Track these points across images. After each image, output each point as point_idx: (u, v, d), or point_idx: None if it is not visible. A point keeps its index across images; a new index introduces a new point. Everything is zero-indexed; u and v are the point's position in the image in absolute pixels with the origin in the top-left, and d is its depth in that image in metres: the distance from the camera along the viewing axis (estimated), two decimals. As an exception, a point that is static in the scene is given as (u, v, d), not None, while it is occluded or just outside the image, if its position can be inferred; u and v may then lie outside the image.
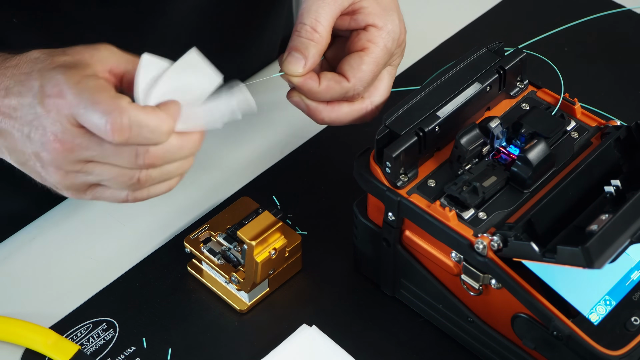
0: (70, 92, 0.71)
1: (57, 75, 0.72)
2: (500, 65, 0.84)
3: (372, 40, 0.85)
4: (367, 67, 0.84)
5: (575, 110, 0.85)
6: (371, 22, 0.85)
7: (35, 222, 0.95)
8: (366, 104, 0.87)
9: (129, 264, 0.91)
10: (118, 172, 0.73)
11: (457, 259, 0.78)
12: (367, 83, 0.85)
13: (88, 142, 0.71)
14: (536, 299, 0.74)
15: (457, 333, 0.83)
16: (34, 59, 0.75)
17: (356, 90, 0.85)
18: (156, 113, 0.71)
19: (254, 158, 0.99)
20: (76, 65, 0.73)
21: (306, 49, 0.83)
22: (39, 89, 0.72)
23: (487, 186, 0.78)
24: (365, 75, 0.84)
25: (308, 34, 0.83)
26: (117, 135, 0.69)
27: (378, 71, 0.86)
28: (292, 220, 0.93)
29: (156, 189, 0.76)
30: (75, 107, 0.70)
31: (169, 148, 0.72)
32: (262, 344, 0.84)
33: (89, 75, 0.72)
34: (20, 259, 0.92)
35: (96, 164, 0.73)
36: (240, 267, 0.86)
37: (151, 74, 0.72)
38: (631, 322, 0.75)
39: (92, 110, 0.70)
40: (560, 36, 1.04)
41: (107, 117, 0.69)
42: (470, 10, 1.15)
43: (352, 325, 0.86)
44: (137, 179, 0.73)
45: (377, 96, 0.87)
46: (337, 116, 0.86)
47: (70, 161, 0.73)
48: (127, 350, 0.84)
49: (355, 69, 0.84)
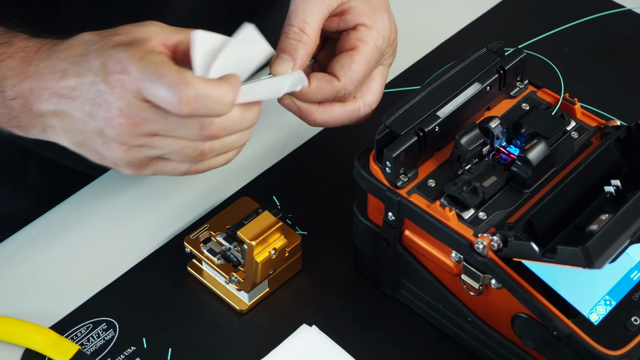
0: (134, 68, 0.72)
1: (118, 53, 0.73)
2: (500, 65, 0.84)
3: (362, 39, 0.84)
4: (358, 66, 0.84)
5: (575, 110, 0.85)
6: (360, 22, 0.85)
7: (35, 222, 0.95)
8: (359, 104, 0.86)
9: (129, 264, 0.91)
10: (182, 144, 0.75)
11: (457, 259, 0.78)
12: (358, 82, 0.84)
13: (154, 115, 0.73)
14: (536, 299, 0.74)
15: (457, 333, 0.83)
16: (87, 40, 0.76)
17: (347, 90, 0.84)
18: (220, 85, 0.72)
19: (254, 158, 0.99)
20: (134, 42, 0.74)
21: (294, 51, 0.82)
22: (101, 67, 0.73)
23: (487, 186, 0.78)
24: (356, 74, 0.84)
25: (296, 35, 0.83)
26: (184, 106, 0.71)
27: (369, 70, 0.85)
28: (292, 220, 0.93)
29: (216, 161, 0.78)
30: (140, 82, 0.72)
31: (231, 119, 0.74)
32: (262, 344, 0.84)
33: (149, 50, 0.73)
34: (20, 259, 0.92)
35: (161, 137, 0.75)
36: (240, 267, 0.86)
37: (206, 48, 0.73)
38: (631, 322, 0.75)
39: (158, 84, 0.71)
40: (560, 36, 1.04)
41: (174, 90, 0.71)
42: (470, 10, 1.15)
43: (352, 325, 0.86)
44: (200, 150, 0.75)
45: (370, 96, 0.87)
46: (330, 117, 0.86)
47: (135, 135, 0.74)
48: (127, 350, 0.84)
49: (345, 68, 0.84)
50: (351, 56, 0.84)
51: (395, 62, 1.09)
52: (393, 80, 1.07)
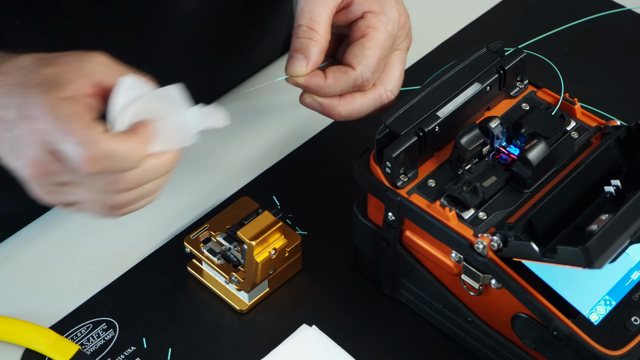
0: (45, 118, 0.70)
1: (35, 97, 0.71)
2: (500, 65, 0.84)
3: (370, 26, 0.84)
4: (370, 52, 0.84)
5: (575, 110, 0.85)
6: (367, 9, 0.85)
7: (35, 222, 0.95)
8: (380, 91, 0.86)
9: (129, 264, 0.91)
10: (95, 196, 0.73)
11: (457, 259, 0.78)
12: (373, 67, 0.84)
13: (63, 168, 0.71)
14: (536, 299, 0.74)
15: (457, 333, 0.83)
16: (22, 67, 0.74)
17: (365, 77, 0.84)
18: (129, 140, 0.70)
19: (254, 158, 0.99)
20: (57, 83, 0.71)
21: (307, 49, 0.83)
22: (20, 108, 0.71)
23: (487, 186, 0.78)
24: (370, 60, 0.84)
25: (306, 33, 0.83)
26: (89, 166, 0.69)
27: (383, 55, 0.85)
28: (292, 220, 0.93)
29: (135, 206, 0.75)
30: (49, 134, 0.70)
31: (143, 172, 0.72)
32: (262, 344, 0.84)
33: (66, 98, 0.70)
34: (20, 259, 0.92)
35: (74, 187, 0.73)
36: (240, 267, 0.86)
37: (129, 96, 0.71)
38: (631, 322, 0.75)
39: (65, 141, 0.69)
40: (560, 36, 1.04)
41: (80, 149, 0.69)
42: (470, 10, 1.15)
43: (352, 325, 0.86)
44: (114, 202, 0.73)
45: (389, 82, 0.87)
46: (353, 108, 0.86)
47: (47, 184, 0.72)
48: (127, 350, 0.84)
49: (359, 56, 0.84)
50: (362, 44, 0.84)
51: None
52: (393, 80, 1.06)
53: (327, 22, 0.84)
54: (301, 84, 0.84)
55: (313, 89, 0.84)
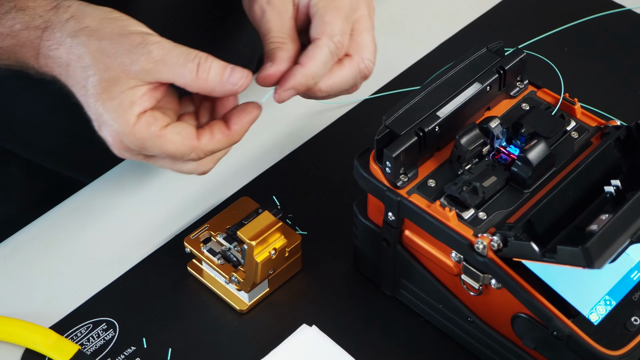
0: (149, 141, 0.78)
1: None
2: (500, 65, 0.84)
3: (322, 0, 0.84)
4: (329, 17, 0.82)
5: (575, 110, 0.85)
6: None
7: (35, 222, 0.95)
8: (356, 60, 0.84)
9: (129, 264, 0.91)
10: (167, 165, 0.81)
11: (457, 259, 0.78)
12: (339, 30, 0.82)
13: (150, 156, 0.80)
14: (536, 299, 0.74)
15: (457, 333, 0.83)
16: None
17: (334, 40, 0.82)
18: None
19: (254, 158, 0.99)
20: None
21: (274, 55, 0.82)
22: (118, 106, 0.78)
23: (487, 186, 0.78)
24: (331, 25, 0.82)
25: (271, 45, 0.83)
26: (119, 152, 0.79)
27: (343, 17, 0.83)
28: (292, 220, 0.93)
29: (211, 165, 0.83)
30: None
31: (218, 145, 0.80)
32: (262, 344, 0.84)
33: None
34: (20, 259, 0.92)
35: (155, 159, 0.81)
36: (240, 267, 0.86)
37: None
38: (631, 322, 0.75)
39: None
40: (560, 36, 1.04)
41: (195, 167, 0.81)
42: (470, 10, 1.16)
43: (352, 325, 0.86)
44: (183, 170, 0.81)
45: (363, 50, 0.85)
46: (333, 81, 0.84)
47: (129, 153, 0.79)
48: (127, 350, 0.84)
49: (320, 26, 0.82)
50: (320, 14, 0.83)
51: (395, 62, 1.09)
52: (393, 80, 1.07)
53: (290, 32, 0.84)
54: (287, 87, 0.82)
55: (302, 82, 0.82)
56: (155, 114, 0.77)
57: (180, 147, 0.78)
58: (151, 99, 0.77)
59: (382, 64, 1.08)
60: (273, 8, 0.84)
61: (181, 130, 0.78)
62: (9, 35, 0.80)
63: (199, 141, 0.78)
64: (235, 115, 0.80)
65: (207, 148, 0.79)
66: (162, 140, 0.77)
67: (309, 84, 0.82)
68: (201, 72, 0.76)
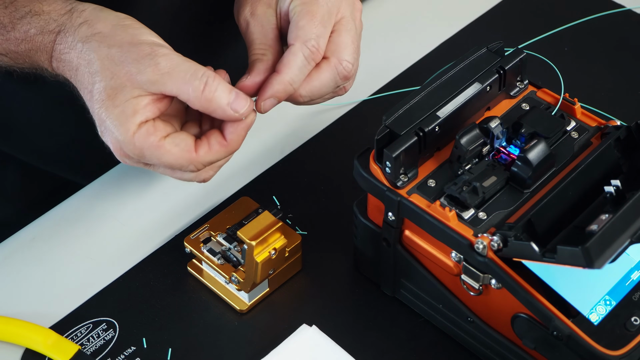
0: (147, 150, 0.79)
1: None
2: (500, 65, 0.84)
3: (298, 4, 0.84)
4: (304, 21, 0.83)
5: (575, 110, 0.85)
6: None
7: (35, 222, 0.95)
8: (333, 62, 0.84)
9: (129, 264, 0.91)
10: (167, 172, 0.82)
11: (457, 259, 0.78)
12: (313, 34, 0.82)
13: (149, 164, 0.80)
14: (536, 299, 0.74)
15: (457, 333, 0.83)
16: None
17: (308, 45, 0.82)
18: None
19: (254, 158, 0.99)
20: None
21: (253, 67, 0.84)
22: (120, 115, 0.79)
23: (487, 186, 0.78)
24: (305, 29, 0.83)
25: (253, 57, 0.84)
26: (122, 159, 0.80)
27: (319, 21, 0.83)
28: (292, 220, 0.93)
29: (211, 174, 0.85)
30: None
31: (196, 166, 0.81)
32: (262, 344, 0.84)
33: None
34: (20, 259, 0.92)
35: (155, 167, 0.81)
36: (240, 267, 0.86)
37: None
38: (631, 322, 0.75)
39: None
40: (560, 36, 1.04)
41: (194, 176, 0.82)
42: (470, 10, 1.16)
43: (352, 325, 0.86)
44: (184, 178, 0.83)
45: (341, 51, 0.85)
46: (313, 86, 0.84)
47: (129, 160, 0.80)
48: (127, 350, 0.84)
49: (294, 31, 0.83)
50: (295, 20, 0.83)
51: (395, 62, 1.09)
52: (393, 80, 1.07)
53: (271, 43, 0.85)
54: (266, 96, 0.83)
55: (281, 89, 0.83)
56: (156, 124, 0.78)
57: (178, 158, 0.78)
58: (154, 109, 0.78)
59: (382, 64, 1.08)
60: (256, 20, 0.85)
61: (179, 142, 0.79)
62: (24, 40, 0.81)
63: (196, 153, 0.79)
64: (230, 124, 0.80)
65: (204, 160, 0.80)
66: (161, 151, 0.78)
67: (287, 91, 0.83)
68: (207, 91, 0.77)
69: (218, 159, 0.81)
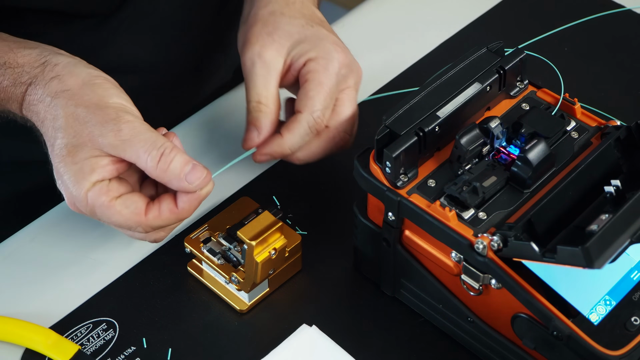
0: None
1: None
2: (500, 65, 0.84)
3: (311, 70, 0.87)
4: (313, 92, 0.87)
5: (575, 110, 0.85)
6: (306, 58, 0.88)
7: (35, 222, 0.95)
8: (332, 133, 0.89)
9: (129, 264, 0.91)
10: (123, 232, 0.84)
11: (457, 259, 0.78)
12: (321, 106, 0.87)
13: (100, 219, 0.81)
14: (536, 299, 0.74)
15: (457, 333, 0.83)
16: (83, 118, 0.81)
17: (314, 116, 0.87)
18: None
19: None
20: None
21: (257, 120, 0.87)
22: None
23: (487, 186, 0.78)
24: (314, 100, 0.87)
25: (255, 108, 0.88)
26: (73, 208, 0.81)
27: (327, 93, 0.87)
28: (292, 220, 0.93)
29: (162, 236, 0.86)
30: None
31: None
32: (262, 344, 0.84)
33: None
34: (20, 259, 0.92)
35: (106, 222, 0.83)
36: (240, 267, 0.86)
37: None
38: (631, 322, 0.75)
39: None
40: (560, 36, 1.04)
41: None
42: (470, 10, 1.16)
43: (352, 325, 0.86)
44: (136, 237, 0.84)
45: (340, 121, 0.89)
46: (310, 151, 0.89)
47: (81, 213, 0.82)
48: (127, 350, 0.84)
49: (303, 99, 0.87)
50: (305, 88, 0.87)
51: (395, 62, 1.09)
52: (393, 80, 1.07)
53: (274, 92, 0.88)
54: (264, 152, 0.88)
55: (278, 151, 0.88)
56: (110, 184, 0.80)
57: (127, 220, 0.80)
58: (112, 169, 0.80)
59: (382, 64, 1.08)
60: (263, 63, 0.88)
61: (130, 204, 0.80)
62: None
63: (145, 217, 0.81)
64: (183, 194, 0.81)
65: (153, 224, 0.81)
66: (111, 211, 0.80)
67: (284, 154, 0.88)
68: (162, 162, 0.79)
69: (167, 225, 0.83)
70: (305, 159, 0.90)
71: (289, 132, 0.87)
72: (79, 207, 0.81)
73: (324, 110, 0.87)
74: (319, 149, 0.89)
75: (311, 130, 0.87)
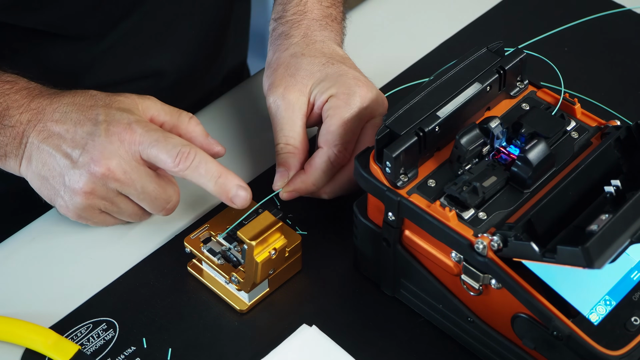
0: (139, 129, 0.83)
1: (123, 114, 0.84)
2: (500, 65, 0.84)
3: (332, 106, 0.88)
4: (334, 127, 0.88)
5: (575, 110, 0.85)
6: (327, 95, 0.89)
7: (35, 222, 0.95)
8: None
9: (129, 264, 0.91)
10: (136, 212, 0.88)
11: (457, 259, 0.78)
12: (340, 140, 0.88)
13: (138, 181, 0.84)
14: (536, 299, 0.74)
15: (457, 333, 0.83)
16: (93, 95, 0.86)
17: (336, 151, 0.88)
18: None
19: (253, 158, 0.99)
20: (131, 109, 0.85)
21: (286, 162, 0.89)
22: (103, 122, 0.84)
23: (487, 186, 0.78)
24: (334, 135, 0.88)
25: (284, 149, 0.89)
26: (182, 164, 0.84)
27: (348, 127, 0.88)
28: (292, 220, 0.93)
29: None
30: (143, 144, 0.83)
31: None
32: (262, 344, 0.84)
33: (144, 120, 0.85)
34: (20, 259, 0.92)
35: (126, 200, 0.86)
36: (240, 267, 0.86)
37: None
38: (631, 322, 0.75)
39: (163, 145, 0.83)
40: (560, 36, 1.04)
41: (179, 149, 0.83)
42: (470, 10, 1.16)
43: (352, 325, 0.86)
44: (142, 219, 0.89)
45: None
46: (335, 186, 0.90)
47: (107, 188, 0.84)
48: (127, 350, 0.84)
49: (324, 135, 0.88)
50: (326, 123, 0.88)
51: (395, 62, 1.09)
52: (393, 80, 1.07)
53: (300, 132, 0.89)
54: (292, 191, 0.89)
55: (302, 188, 0.89)
56: None
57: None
58: None
59: (382, 64, 1.08)
60: (287, 104, 0.89)
61: None
62: None
63: None
64: None
65: None
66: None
67: (309, 189, 0.89)
68: None
69: None
70: (333, 194, 0.90)
71: (311, 167, 0.88)
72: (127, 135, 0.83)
73: (345, 144, 0.88)
74: (343, 184, 0.90)
75: (333, 164, 0.88)
